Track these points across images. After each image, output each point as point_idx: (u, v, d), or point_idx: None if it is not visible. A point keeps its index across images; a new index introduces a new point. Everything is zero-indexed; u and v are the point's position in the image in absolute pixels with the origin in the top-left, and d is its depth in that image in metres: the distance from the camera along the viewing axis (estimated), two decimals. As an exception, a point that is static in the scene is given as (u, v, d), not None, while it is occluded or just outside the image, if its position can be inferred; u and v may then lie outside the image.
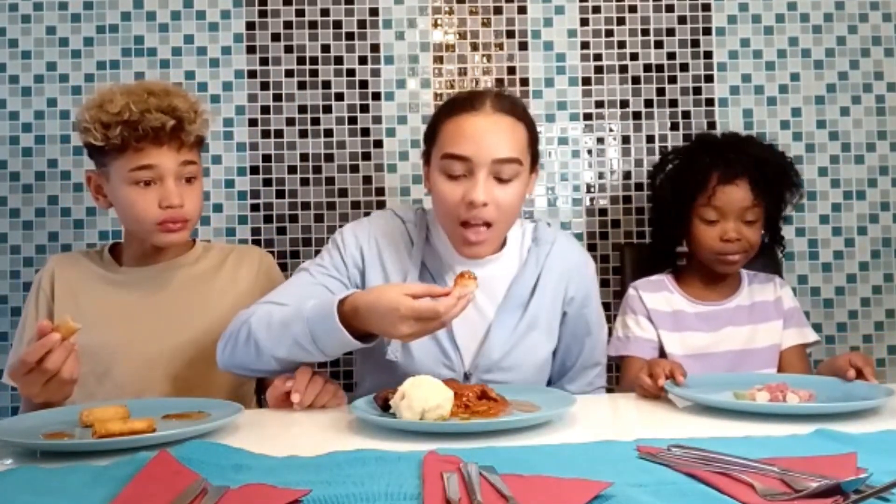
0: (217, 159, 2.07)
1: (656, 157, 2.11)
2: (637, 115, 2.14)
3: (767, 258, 1.92)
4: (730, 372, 1.67)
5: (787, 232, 2.14)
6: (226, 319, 1.57)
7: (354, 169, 2.10)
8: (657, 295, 1.78)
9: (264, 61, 2.09)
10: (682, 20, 2.15)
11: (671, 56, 2.14)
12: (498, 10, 2.13)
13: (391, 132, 2.10)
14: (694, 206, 1.74)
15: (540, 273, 1.50)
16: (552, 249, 1.52)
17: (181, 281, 1.60)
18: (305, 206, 2.09)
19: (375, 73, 2.11)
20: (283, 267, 2.04)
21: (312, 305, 1.30)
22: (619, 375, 1.79)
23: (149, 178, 1.48)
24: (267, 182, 2.09)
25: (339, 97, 2.10)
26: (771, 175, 1.74)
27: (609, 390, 1.66)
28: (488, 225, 1.40)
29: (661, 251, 1.90)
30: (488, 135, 1.39)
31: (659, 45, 2.14)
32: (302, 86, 2.10)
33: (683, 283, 1.81)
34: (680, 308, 1.76)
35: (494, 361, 1.45)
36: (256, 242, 2.07)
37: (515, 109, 1.44)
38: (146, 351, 1.54)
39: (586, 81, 2.14)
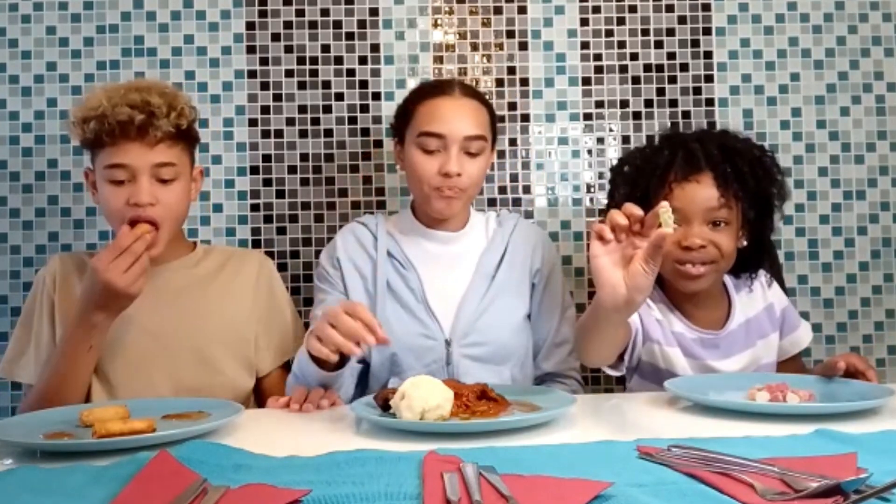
0: (217, 159, 2.07)
1: (656, 157, 2.12)
2: (637, 115, 2.14)
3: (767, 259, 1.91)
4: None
5: (787, 232, 2.14)
6: (223, 323, 1.58)
7: (354, 169, 2.10)
8: (652, 301, 1.59)
9: (264, 61, 2.09)
10: (682, 20, 2.15)
11: (671, 56, 2.14)
12: (498, 10, 2.13)
13: (391, 132, 2.10)
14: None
15: (506, 247, 1.67)
16: (515, 228, 1.71)
17: (181, 283, 1.60)
18: (305, 206, 2.09)
19: (375, 73, 2.11)
20: (283, 267, 2.05)
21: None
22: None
23: (123, 178, 1.48)
24: (267, 182, 2.09)
25: (339, 97, 2.10)
26: (745, 169, 1.50)
27: (595, 380, 1.68)
28: (461, 190, 1.59)
29: None
30: (459, 115, 1.59)
31: (659, 45, 2.14)
32: (302, 86, 2.10)
33: (672, 301, 1.60)
34: (679, 331, 1.56)
35: (470, 326, 1.59)
36: (256, 242, 2.07)
37: (478, 94, 1.67)
38: (144, 352, 1.53)
39: (586, 81, 2.14)
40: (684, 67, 2.14)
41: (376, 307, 1.59)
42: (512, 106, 2.12)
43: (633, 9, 2.14)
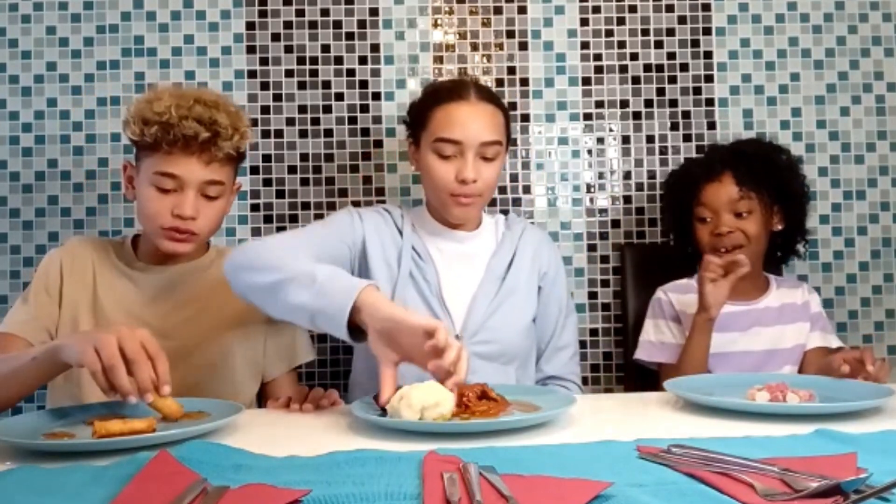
0: (217, 159, 2.07)
1: (656, 157, 2.13)
2: (637, 115, 2.14)
3: (782, 259, 1.93)
4: (755, 370, 1.71)
5: (787, 232, 2.14)
6: (233, 328, 1.58)
7: (354, 169, 2.10)
8: (686, 297, 1.80)
9: (264, 61, 2.09)
10: (682, 20, 2.15)
11: (671, 56, 2.14)
12: (498, 10, 2.13)
13: (391, 132, 2.10)
14: (692, 209, 1.81)
15: (515, 250, 1.69)
16: (524, 233, 1.73)
17: (193, 286, 1.59)
18: (305, 206, 2.09)
19: (375, 73, 2.11)
20: (283, 267, 2.04)
21: (328, 276, 1.30)
22: (654, 379, 1.81)
23: (170, 187, 1.48)
24: (267, 182, 2.09)
25: (339, 97, 2.10)
26: (757, 166, 1.77)
27: (595, 380, 1.67)
28: (477, 196, 1.61)
29: (681, 255, 1.92)
30: (476, 121, 1.59)
31: (659, 45, 2.14)
32: (302, 86, 2.10)
33: None
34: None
35: (480, 324, 1.60)
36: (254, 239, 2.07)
37: (493, 97, 1.65)
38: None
39: (586, 81, 2.14)
40: (684, 67, 2.15)
41: (396, 292, 1.59)
42: (512, 106, 2.11)
43: (633, 9, 2.14)
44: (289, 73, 2.09)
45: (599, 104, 2.14)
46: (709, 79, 2.15)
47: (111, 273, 1.58)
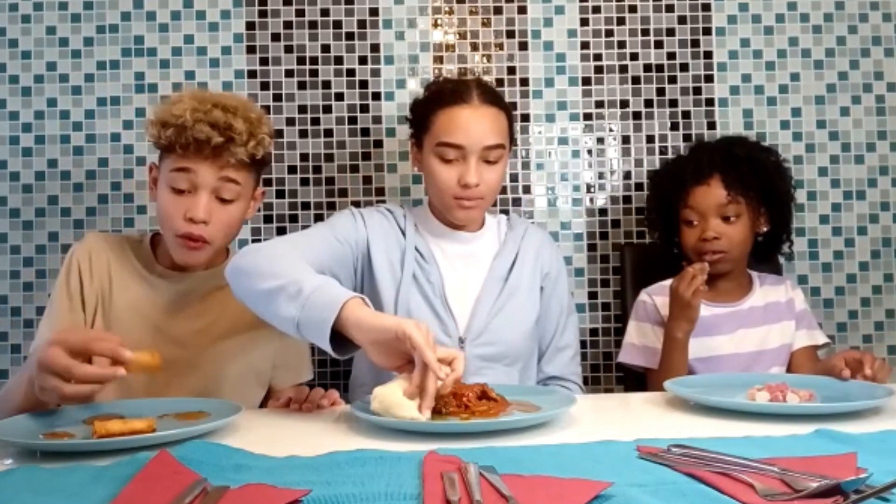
0: (217, 159, 2.07)
1: (656, 157, 2.13)
2: (637, 115, 2.14)
3: (766, 258, 1.92)
4: (743, 372, 1.68)
5: (787, 232, 2.14)
6: (243, 338, 1.57)
7: (354, 169, 2.10)
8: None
9: (264, 61, 2.09)
10: (682, 20, 2.15)
11: (671, 56, 2.14)
12: (498, 10, 2.13)
13: (391, 132, 2.10)
14: (678, 211, 1.79)
15: (518, 251, 1.69)
16: (526, 233, 1.73)
17: (210, 294, 1.57)
18: (305, 206, 2.10)
19: (375, 73, 2.11)
20: (283, 267, 2.04)
21: (317, 287, 1.28)
22: (646, 382, 1.80)
23: (184, 187, 1.46)
24: (267, 182, 2.09)
25: (339, 97, 2.10)
26: (746, 169, 1.75)
27: (595, 380, 1.67)
28: (480, 199, 1.61)
29: (667, 255, 1.90)
30: (478, 125, 1.58)
31: (659, 45, 2.14)
32: (302, 86, 2.10)
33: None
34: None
35: (483, 325, 1.60)
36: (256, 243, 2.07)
37: (497, 100, 1.64)
38: (165, 358, 1.51)
39: (586, 81, 2.14)
40: (684, 67, 2.15)
41: (400, 294, 1.58)
42: (512, 106, 2.11)
43: (633, 9, 2.14)
44: (289, 73, 2.09)
45: (599, 104, 2.14)
46: (709, 79, 2.15)
47: (129, 274, 1.56)
